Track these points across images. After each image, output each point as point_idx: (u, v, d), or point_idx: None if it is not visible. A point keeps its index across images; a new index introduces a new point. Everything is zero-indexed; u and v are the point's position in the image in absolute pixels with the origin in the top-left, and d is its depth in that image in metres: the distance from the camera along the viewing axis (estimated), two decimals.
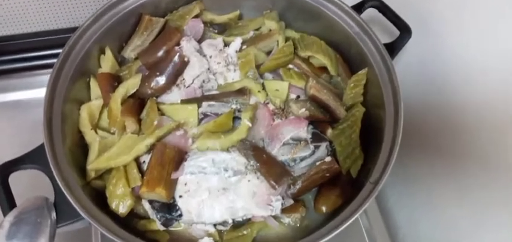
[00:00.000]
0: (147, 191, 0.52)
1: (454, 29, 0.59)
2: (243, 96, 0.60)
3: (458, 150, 0.59)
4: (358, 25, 0.63)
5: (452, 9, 0.58)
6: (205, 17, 0.70)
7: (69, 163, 0.53)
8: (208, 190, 0.54)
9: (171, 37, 0.63)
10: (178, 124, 0.58)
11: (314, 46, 0.66)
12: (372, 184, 0.51)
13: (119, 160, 0.55)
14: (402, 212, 0.76)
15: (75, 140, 0.58)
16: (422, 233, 0.70)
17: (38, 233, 0.48)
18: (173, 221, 0.55)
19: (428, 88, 0.66)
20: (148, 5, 0.66)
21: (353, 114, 0.61)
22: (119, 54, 0.67)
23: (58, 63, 0.57)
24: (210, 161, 0.55)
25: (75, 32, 0.59)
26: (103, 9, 0.62)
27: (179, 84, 0.62)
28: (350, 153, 0.59)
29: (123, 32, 0.66)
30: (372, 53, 0.62)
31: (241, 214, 0.54)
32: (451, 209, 0.63)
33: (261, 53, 0.67)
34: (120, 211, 0.53)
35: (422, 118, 0.68)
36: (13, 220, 0.49)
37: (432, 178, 0.67)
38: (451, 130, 0.61)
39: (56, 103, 0.55)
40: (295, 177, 0.57)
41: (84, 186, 0.53)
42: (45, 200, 0.51)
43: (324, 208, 0.57)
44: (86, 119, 0.59)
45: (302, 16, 0.69)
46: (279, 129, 0.59)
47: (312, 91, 0.61)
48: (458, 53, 0.58)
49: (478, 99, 0.55)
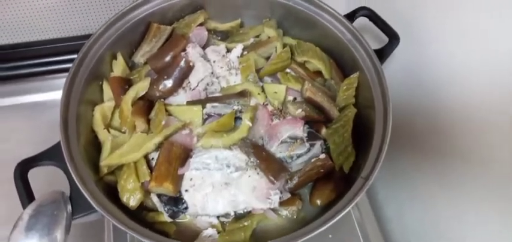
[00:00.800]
0: (156, 186, 0.53)
1: (439, 36, 0.60)
2: (244, 98, 0.61)
3: (443, 148, 0.61)
4: (350, 32, 0.64)
5: (437, 17, 0.60)
6: (209, 25, 0.71)
7: (84, 160, 0.54)
8: (212, 184, 0.55)
9: (177, 44, 0.64)
10: (184, 124, 0.59)
11: (310, 52, 0.67)
12: (363, 179, 0.52)
13: (130, 157, 0.56)
14: (391, 206, 0.77)
15: (89, 139, 0.59)
16: (409, 225, 0.71)
17: (55, 225, 0.50)
18: (179, 213, 0.56)
19: (415, 90, 0.68)
20: (157, 14, 0.66)
21: (345, 115, 0.62)
22: (129, 59, 0.67)
23: (73, 68, 0.57)
24: (214, 158, 0.56)
25: (89, 39, 0.60)
26: (115, 18, 0.62)
27: (185, 87, 0.63)
28: (343, 150, 0.60)
29: (133, 39, 0.67)
30: (363, 58, 0.63)
31: (242, 207, 0.56)
32: (436, 203, 0.64)
33: (260, 58, 0.68)
34: (131, 204, 0.54)
35: (409, 118, 0.69)
36: (32, 213, 0.50)
37: (419, 173, 0.68)
38: (436, 129, 0.62)
39: (72, 105, 0.56)
40: (292, 172, 0.58)
41: (97, 181, 0.54)
42: (62, 194, 0.53)
43: (319, 201, 0.57)
44: (99, 119, 0.60)
45: (298, 24, 0.69)
46: (277, 128, 0.60)
47: (308, 94, 0.62)
48: (443, 58, 0.60)
49: (461, 100, 0.56)
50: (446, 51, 0.59)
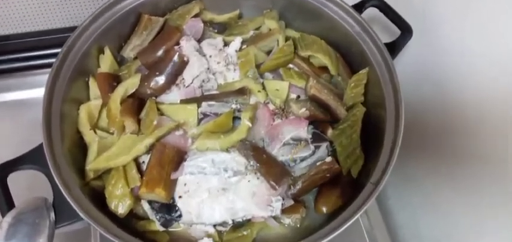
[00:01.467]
0: (147, 192, 0.52)
1: (455, 29, 0.59)
2: (243, 95, 0.60)
3: (459, 150, 0.60)
4: (359, 24, 0.63)
5: (453, 8, 0.59)
6: (204, 16, 0.70)
7: (68, 163, 0.52)
8: (208, 190, 0.54)
9: (170, 36, 0.63)
10: (178, 124, 0.58)
11: (314, 45, 0.66)
12: (373, 185, 0.51)
13: (118, 160, 0.55)
14: (403, 213, 0.76)
15: (74, 140, 0.58)
16: (423, 234, 0.70)
17: (36, 234, 0.48)
18: (173, 221, 0.55)
19: (429, 88, 0.67)
20: (148, 4, 0.65)
21: (354, 114, 0.61)
22: (118, 54, 0.66)
23: (57, 63, 0.56)
24: (210, 161, 0.55)
25: (74, 31, 0.59)
26: (102, 9, 0.61)
27: (179, 84, 0.62)
28: (350, 153, 0.59)
29: (122, 32, 0.66)
30: (372, 53, 0.61)
31: (241, 215, 0.54)
32: (451, 210, 0.63)
33: (261, 53, 0.67)
34: (119, 211, 0.53)
35: (423, 118, 0.68)
36: (12, 221, 0.49)
37: (433, 178, 0.68)
38: (451, 130, 0.61)
39: (55, 103, 0.55)
40: (296, 177, 0.57)
41: (83, 187, 0.53)
42: (44, 201, 0.51)
43: (325, 208, 0.57)
44: (85, 119, 0.59)
45: (302, 15, 0.69)
46: (279, 129, 0.59)
47: (313, 91, 0.61)
48: (459, 52, 0.59)
49: (479, 99, 0.55)
50: (463, 45, 0.58)
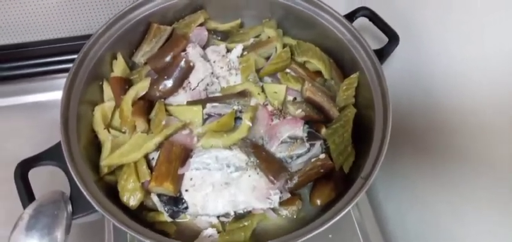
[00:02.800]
0: (156, 186, 0.53)
1: (438, 36, 0.60)
2: (244, 98, 0.61)
3: (443, 148, 0.61)
4: (350, 33, 0.64)
5: (437, 17, 0.60)
6: (209, 25, 0.71)
7: (84, 159, 0.54)
8: (212, 184, 0.55)
9: (177, 44, 0.64)
10: (185, 124, 0.59)
11: (309, 52, 0.67)
12: (363, 179, 0.52)
13: (130, 157, 0.56)
14: (391, 206, 0.77)
15: (89, 139, 0.59)
16: (409, 225, 0.71)
17: (55, 224, 0.50)
18: (180, 213, 0.56)
19: (415, 90, 0.67)
20: (157, 14, 0.66)
21: (345, 115, 0.62)
22: (129, 60, 0.67)
23: (74, 68, 0.57)
24: (214, 158, 0.56)
25: (89, 39, 0.60)
26: (115, 18, 0.62)
27: (185, 87, 0.63)
28: (343, 150, 0.60)
29: (133, 39, 0.67)
30: (362, 58, 0.62)
31: (242, 207, 0.55)
32: (435, 203, 0.64)
33: (260, 58, 0.68)
34: (131, 203, 0.54)
35: (409, 118, 0.69)
36: (32, 212, 0.50)
37: (418, 174, 0.68)
38: (436, 129, 0.62)
39: (72, 105, 0.56)
40: (292, 172, 0.58)
41: (97, 181, 0.54)
42: (62, 194, 0.53)
43: (319, 201, 0.58)
44: (99, 119, 0.60)
45: (298, 24, 0.69)
46: (277, 128, 0.60)
47: (308, 94, 0.62)
48: (443, 58, 0.60)
49: (461, 100, 0.56)
50: (446, 51, 0.59)
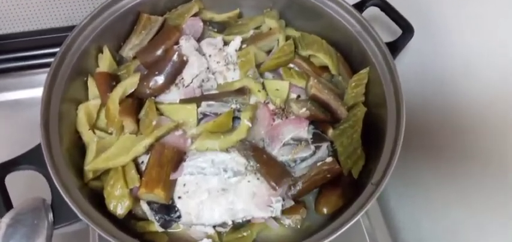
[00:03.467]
0: (146, 192, 0.52)
1: (456, 28, 0.59)
2: (243, 95, 0.60)
3: (460, 151, 0.60)
4: (360, 24, 0.63)
5: (454, 7, 0.59)
6: (204, 15, 0.70)
7: (67, 163, 0.52)
8: (207, 191, 0.53)
9: (169, 36, 0.63)
10: (177, 124, 0.58)
11: (315, 45, 0.66)
12: (374, 185, 0.51)
13: (117, 160, 0.55)
14: (404, 213, 0.76)
15: (72, 140, 0.58)
16: (424, 235, 0.70)
17: (35, 235, 0.48)
18: (172, 222, 0.54)
19: (430, 87, 0.67)
20: (147, 4, 0.65)
21: (354, 114, 0.61)
22: (116, 53, 0.66)
23: (55, 63, 0.56)
24: (210, 162, 0.55)
25: (73, 30, 0.59)
26: (101, 8, 0.61)
27: (178, 84, 0.62)
28: (351, 153, 0.59)
29: (121, 31, 0.66)
30: (373, 52, 0.62)
31: (241, 216, 0.54)
32: (452, 211, 0.63)
33: (261, 52, 0.67)
34: (118, 212, 0.53)
35: (424, 118, 0.68)
36: (10, 222, 0.48)
37: (434, 178, 0.68)
38: (452, 130, 0.61)
39: (53, 103, 0.55)
40: (296, 177, 0.57)
41: (81, 187, 0.53)
42: (42, 202, 0.51)
43: (325, 209, 0.57)
44: (84, 119, 0.59)
45: (303, 14, 0.68)
46: (279, 129, 0.59)
47: (313, 91, 0.61)
48: (461, 52, 0.59)
49: (481, 98, 0.55)
50: (464, 44, 0.58)
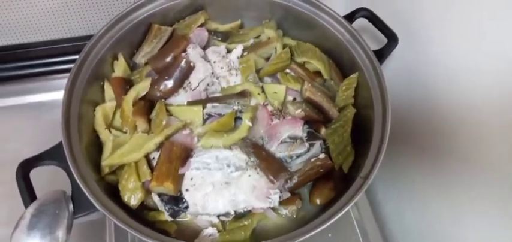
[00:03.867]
0: (157, 185, 0.53)
1: (437, 37, 0.60)
2: (244, 98, 0.61)
3: (442, 148, 0.61)
4: (350, 33, 0.64)
5: (436, 18, 0.60)
6: (209, 26, 0.71)
7: (85, 159, 0.54)
8: (212, 184, 0.55)
9: (178, 44, 0.65)
10: (185, 124, 0.59)
11: (309, 52, 0.67)
12: (362, 179, 0.53)
13: (131, 156, 0.56)
14: (390, 205, 0.77)
15: (90, 138, 0.59)
16: (408, 224, 0.71)
17: (56, 224, 0.50)
18: (180, 212, 0.56)
19: (413, 91, 0.68)
20: (157, 15, 0.67)
21: (345, 115, 0.62)
22: (130, 60, 0.67)
23: (75, 68, 0.58)
24: (214, 158, 0.56)
25: (91, 39, 0.60)
26: (116, 19, 0.63)
27: (186, 87, 0.63)
28: (342, 150, 0.60)
29: (134, 40, 0.67)
30: (362, 59, 0.63)
31: (242, 206, 0.55)
32: (434, 203, 0.64)
33: (260, 59, 0.68)
34: (132, 203, 0.54)
35: (408, 118, 0.69)
36: (34, 212, 0.50)
37: (417, 173, 0.68)
38: (434, 129, 0.62)
39: (73, 105, 0.56)
40: (292, 172, 0.58)
41: (98, 181, 0.54)
42: (63, 194, 0.53)
43: (318, 200, 0.58)
44: (101, 119, 0.60)
45: (298, 25, 0.70)
46: (277, 128, 0.60)
47: (307, 94, 0.62)
48: (442, 58, 0.60)
49: (460, 100, 0.56)
50: (445, 52, 0.59)
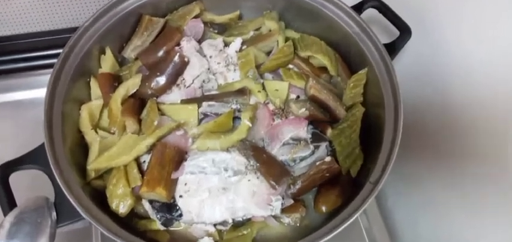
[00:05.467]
0: (147, 191, 0.52)
1: (453, 29, 0.59)
2: (243, 96, 0.60)
3: (457, 150, 0.59)
4: (358, 25, 0.63)
5: (452, 9, 0.58)
6: (205, 17, 0.70)
7: (70, 163, 0.53)
8: (208, 190, 0.54)
9: (171, 37, 0.64)
10: (179, 124, 0.58)
11: (314, 46, 0.66)
12: (372, 184, 0.52)
13: (119, 160, 0.55)
14: (402, 212, 0.76)
15: (75, 140, 0.58)
16: (421, 233, 0.70)
17: (38, 233, 0.49)
18: (173, 221, 0.55)
19: (427, 88, 0.66)
20: (148, 5, 0.66)
21: (353, 114, 0.61)
22: (119, 54, 0.67)
23: (58, 63, 0.57)
24: (210, 161, 0.55)
25: (76, 32, 0.60)
26: (103, 10, 0.62)
27: (179, 84, 0.62)
28: (350, 152, 0.59)
29: (123, 32, 0.66)
30: (371, 53, 0.62)
31: (241, 214, 0.54)
32: (450, 209, 0.63)
33: (261, 53, 0.67)
34: (121, 210, 0.53)
35: (421, 118, 0.68)
36: (14, 220, 0.49)
37: (431, 177, 0.67)
38: (450, 129, 0.61)
39: (57, 103, 0.55)
40: (295, 176, 0.58)
41: (84, 186, 0.53)
42: (46, 200, 0.52)
43: (324, 207, 0.57)
44: (86, 119, 0.59)
45: (302, 16, 0.69)
46: (278, 129, 0.59)
47: (312, 91, 0.61)
48: (458, 52, 0.58)
49: (478, 98, 0.55)
50: (461, 45, 0.58)
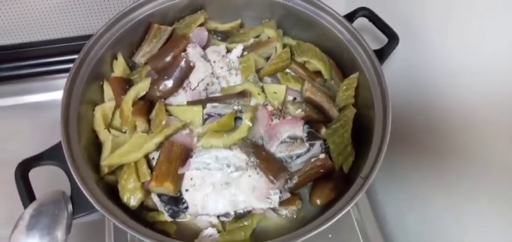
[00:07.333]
0: (156, 186, 0.53)
1: (438, 36, 0.60)
2: (244, 98, 0.61)
3: (443, 148, 0.61)
4: (350, 33, 0.64)
5: (436, 18, 0.60)
6: (209, 25, 0.71)
7: (84, 159, 0.54)
8: (212, 184, 0.55)
9: (178, 44, 0.65)
10: (185, 124, 0.59)
11: (309, 52, 0.67)
12: (363, 179, 0.53)
13: (130, 157, 0.56)
14: (390, 206, 0.77)
15: (89, 138, 0.59)
16: (409, 225, 0.71)
17: (55, 224, 0.50)
18: (180, 213, 0.56)
19: (414, 90, 0.68)
20: (157, 15, 0.67)
21: (345, 115, 0.62)
22: (130, 60, 0.68)
23: (74, 68, 0.58)
24: (214, 158, 0.56)
25: (90, 39, 0.60)
26: (115, 19, 0.63)
27: (185, 87, 0.63)
28: (342, 150, 0.60)
29: (133, 39, 0.67)
30: (362, 59, 0.63)
31: (242, 207, 0.55)
32: (435, 203, 0.64)
33: (260, 59, 0.68)
34: (131, 203, 0.54)
35: (409, 118, 0.69)
36: (33, 212, 0.50)
37: (418, 173, 0.68)
38: (436, 129, 0.63)
39: (72, 105, 0.57)
40: (292, 172, 0.58)
41: (98, 181, 0.54)
42: (62, 194, 0.53)
43: (319, 201, 0.58)
44: (100, 119, 0.60)
45: (298, 25, 0.70)
46: (277, 128, 0.60)
47: (308, 94, 0.63)
48: (443, 57, 0.60)
49: (462, 100, 0.56)
50: (445, 51, 0.59)
